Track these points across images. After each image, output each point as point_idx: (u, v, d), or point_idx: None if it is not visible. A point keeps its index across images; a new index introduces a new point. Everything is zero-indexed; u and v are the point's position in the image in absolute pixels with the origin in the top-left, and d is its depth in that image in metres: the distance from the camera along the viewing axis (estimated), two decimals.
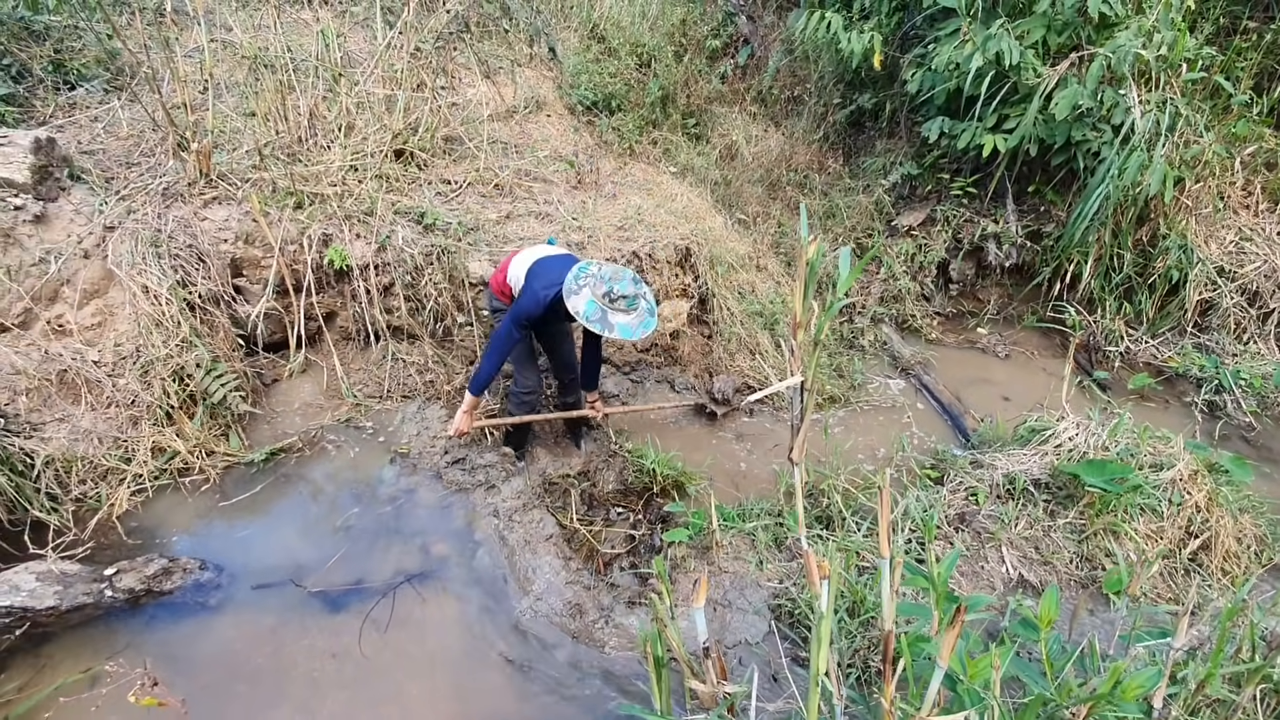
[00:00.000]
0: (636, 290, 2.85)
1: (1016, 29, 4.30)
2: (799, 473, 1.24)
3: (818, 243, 1.04)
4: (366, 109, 4.22)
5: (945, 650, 0.96)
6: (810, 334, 1.05)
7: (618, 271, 2.88)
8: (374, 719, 2.40)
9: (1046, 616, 1.25)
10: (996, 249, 5.22)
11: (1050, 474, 3.21)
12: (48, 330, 3.13)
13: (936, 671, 1.00)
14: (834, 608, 2.62)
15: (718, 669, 1.16)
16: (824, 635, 1.03)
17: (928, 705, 1.01)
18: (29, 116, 3.94)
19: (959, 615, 0.95)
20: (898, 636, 1.33)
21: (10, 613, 2.51)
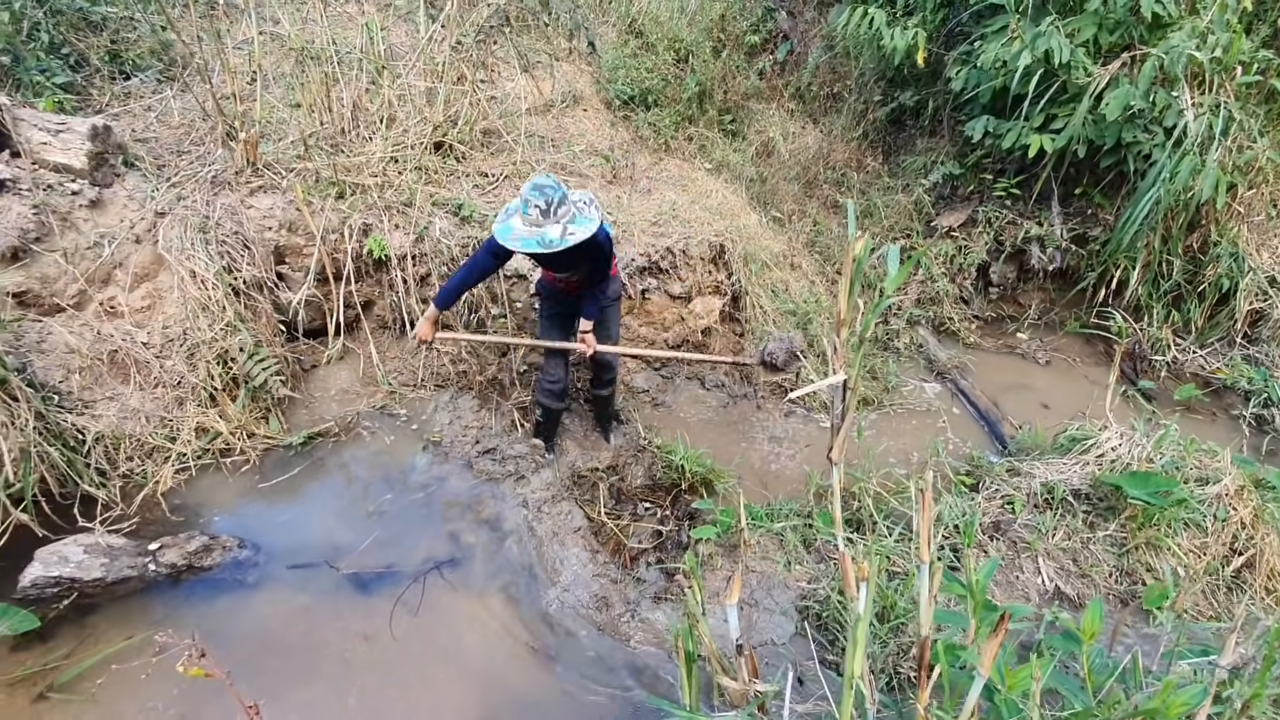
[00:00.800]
0: (548, 196, 2.65)
1: (1067, 27, 4.18)
2: (838, 473, 1.22)
3: (865, 238, 1.03)
4: (407, 101, 4.27)
5: (987, 659, 0.94)
6: (854, 332, 1.03)
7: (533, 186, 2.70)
8: (402, 701, 2.44)
9: (1090, 629, 1.21)
10: (1040, 252, 5.09)
11: (1091, 485, 3.12)
12: (100, 311, 3.24)
13: (976, 680, 0.97)
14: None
15: (750, 667, 1.15)
16: (860, 638, 1.02)
17: (966, 714, 0.99)
18: (86, 104, 4.08)
19: (1003, 624, 0.92)
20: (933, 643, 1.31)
21: (59, 583, 2.61)
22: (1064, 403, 4.48)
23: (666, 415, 4.17)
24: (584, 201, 2.83)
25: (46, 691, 2.33)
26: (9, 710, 2.29)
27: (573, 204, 2.76)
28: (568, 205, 2.71)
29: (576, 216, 2.75)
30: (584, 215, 2.76)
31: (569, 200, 2.73)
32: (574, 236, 2.69)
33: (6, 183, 3.13)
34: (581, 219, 2.75)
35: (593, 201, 2.85)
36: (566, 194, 2.71)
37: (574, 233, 2.70)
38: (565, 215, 2.71)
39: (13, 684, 2.35)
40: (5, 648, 2.43)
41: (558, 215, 2.69)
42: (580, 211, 2.77)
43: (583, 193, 2.87)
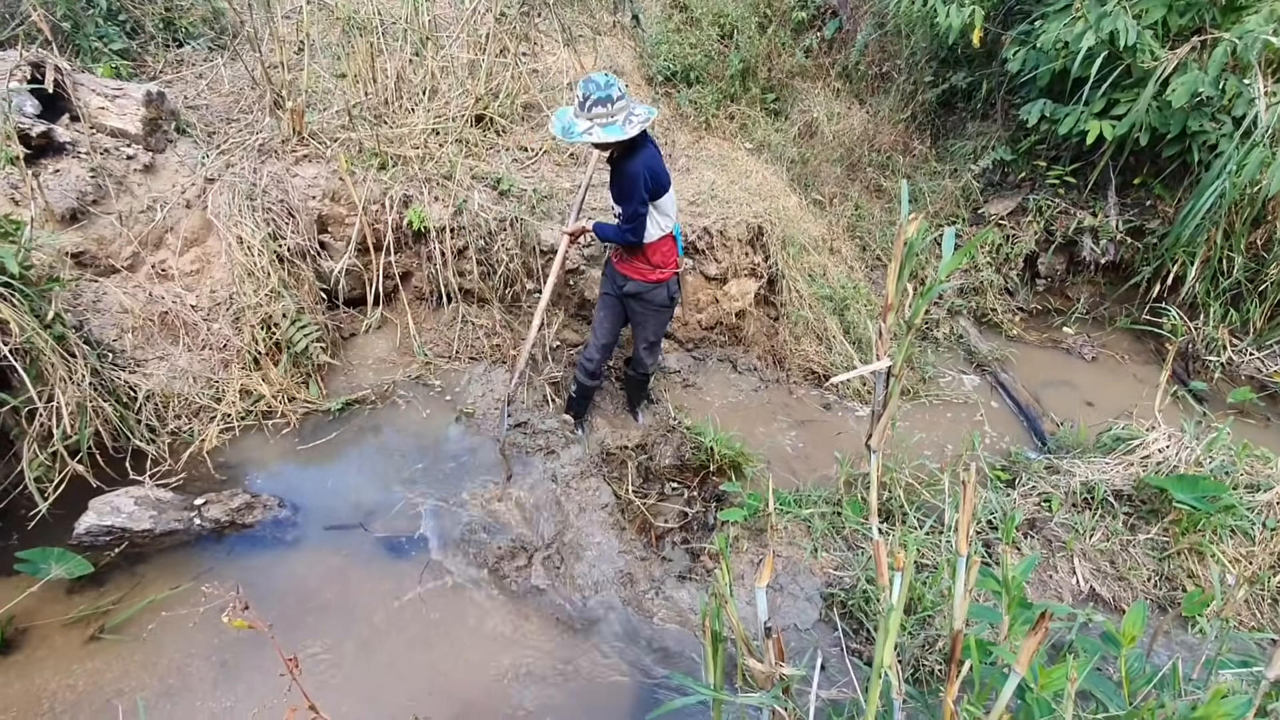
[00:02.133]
0: (588, 91, 2.68)
1: (1134, 7, 3.96)
2: (875, 460, 1.20)
3: (919, 220, 0.99)
4: (450, 73, 4.28)
5: (1025, 657, 0.92)
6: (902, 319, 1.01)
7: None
8: (429, 661, 2.51)
9: (1130, 632, 1.18)
10: (1093, 244, 4.90)
11: (1134, 486, 3.02)
12: (152, 274, 3.35)
13: (1011, 678, 0.96)
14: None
15: (777, 650, 1.15)
16: (891, 628, 1.00)
17: (997, 712, 0.97)
18: (141, 71, 4.18)
19: (1042, 622, 0.90)
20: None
21: (111, 532, 2.73)
22: (1109, 401, 4.34)
23: (697, 397, 4.16)
24: (638, 118, 2.76)
25: (98, 633, 2.46)
26: (65, 649, 2.42)
27: (617, 109, 2.70)
28: (609, 108, 2.68)
29: (611, 123, 2.71)
30: (618, 124, 2.71)
31: (613, 104, 2.68)
32: (590, 136, 2.69)
33: (67, 146, 3.24)
34: (613, 127, 2.71)
35: (646, 120, 2.77)
36: (612, 97, 2.67)
37: (594, 133, 2.69)
38: (600, 116, 2.69)
39: (68, 625, 2.49)
40: (61, 590, 2.56)
41: (591, 113, 2.69)
42: (619, 119, 2.72)
43: (649, 110, 2.82)
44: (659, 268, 3.13)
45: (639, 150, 2.86)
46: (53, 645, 2.44)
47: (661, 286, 3.18)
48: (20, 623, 2.45)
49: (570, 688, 2.46)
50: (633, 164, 2.83)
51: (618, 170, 2.92)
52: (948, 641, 2.28)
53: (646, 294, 3.18)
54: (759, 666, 1.15)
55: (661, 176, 2.93)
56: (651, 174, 2.86)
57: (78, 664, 2.39)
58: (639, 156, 2.85)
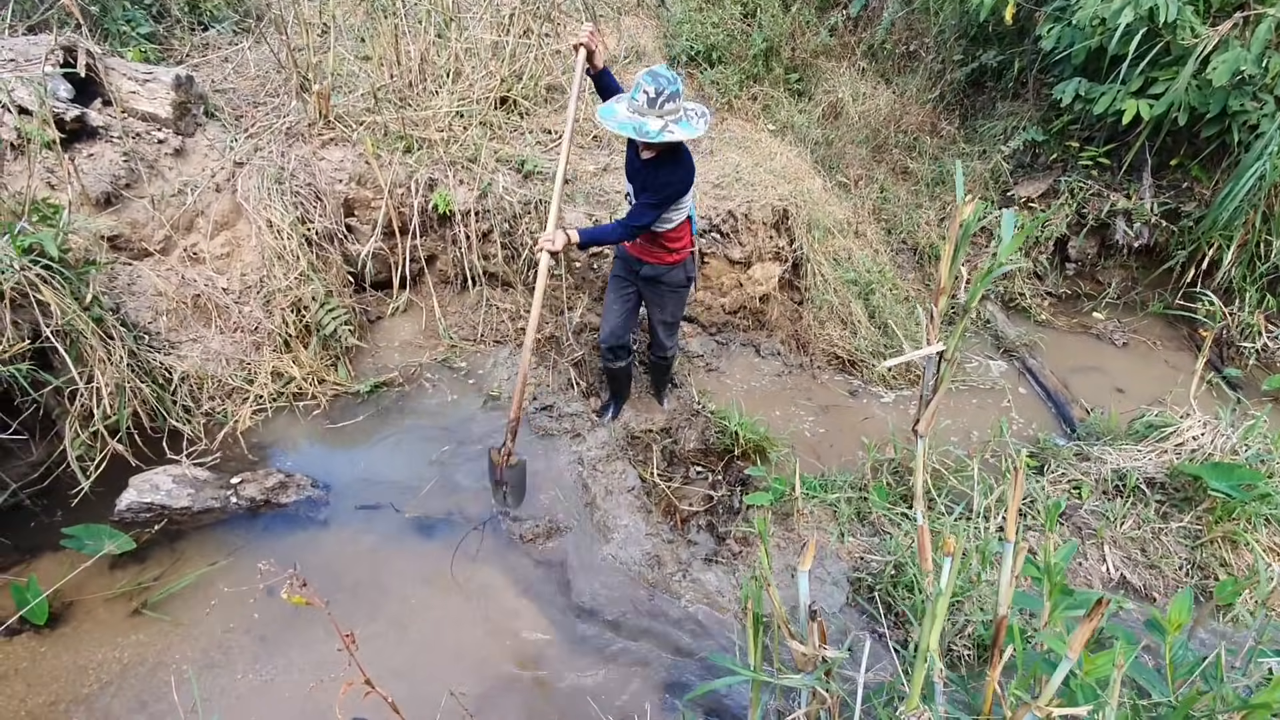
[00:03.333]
0: (660, 85, 2.53)
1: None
2: (923, 445, 1.19)
3: (975, 202, 0.98)
4: (474, 55, 4.25)
5: (1077, 644, 0.91)
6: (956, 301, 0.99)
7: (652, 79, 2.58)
8: (459, 640, 2.55)
9: (1176, 620, 1.17)
10: (1126, 227, 4.79)
11: (1168, 474, 2.98)
12: (184, 257, 3.39)
13: (1063, 664, 0.95)
14: (916, 588, 2.56)
15: (820, 633, 1.16)
16: (939, 613, 1.00)
17: (1048, 695, 0.97)
18: (168, 55, 4.21)
19: (1099, 608, 0.90)
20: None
21: (151, 509, 2.80)
22: (1141, 388, 4.27)
23: (720, 381, 4.15)
24: (696, 113, 2.70)
25: (141, 608, 2.53)
26: (108, 622, 2.50)
27: (684, 106, 2.63)
28: (677, 104, 2.58)
29: (683, 119, 2.62)
30: (689, 121, 2.64)
31: (680, 99, 2.59)
32: (672, 135, 2.56)
33: (100, 130, 3.27)
34: (686, 123, 2.62)
35: (705, 115, 2.70)
36: (680, 91, 2.58)
37: (673, 131, 2.57)
38: (671, 113, 2.58)
39: (110, 599, 2.56)
40: (104, 565, 2.63)
41: (663, 109, 2.56)
42: (688, 116, 2.65)
43: (700, 105, 2.75)
44: (676, 250, 3.06)
45: (685, 151, 2.78)
46: (97, 619, 2.51)
47: (679, 267, 3.11)
48: (66, 597, 2.53)
49: (600, 665, 2.49)
50: (682, 166, 2.75)
51: (661, 168, 2.75)
52: (978, 626, 2.28)
53: (664, 276, 3.11)
54: (801, 649, 1.16)
55: (691, 179, 2.86)
56: (687, 184, 2.80)
57: (121, 637, 2.46)
58: (686, 159, 2.77)
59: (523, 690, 2.43)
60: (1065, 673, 0.95)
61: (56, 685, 2.31)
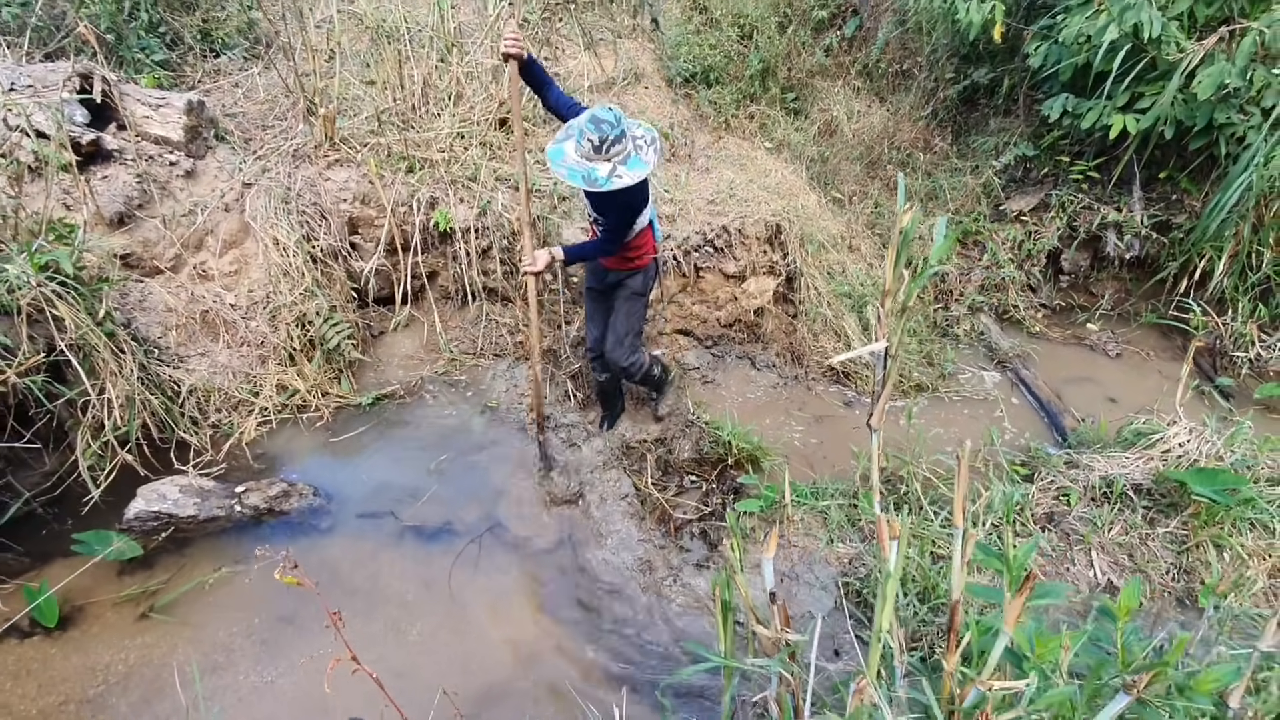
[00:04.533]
0: (603, 133, 2.52)
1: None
2: (876, 439, 1.26)
3: (914, 210, 1.06)
4: (475, 79, 4.40)
5: (1011, 616, 0.97)
6: (898, 302, 1.07)
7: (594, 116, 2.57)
8: (456, 643, 2.61)
9: (1126, 606, 1.22)
10: (1117, 239, 4.85)
11: (1154, 480, 3.02)
12: (194, 274, 3.52)
13: (1000, 637, 1.01)
14: (904, 591, 2.60)
15: (782, 617, 1.22)
16: (889, 593, 1.06)
17: (988, 669, 1.03)
18: (180, 80, 4.37)
19: (1028, 582, 0.96)
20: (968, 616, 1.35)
21: (158, 517, 2.89)
22: (1133, 398, 4.30)
23: (716, 393, 4.22)
24: (645, 141, 2.69)
25: (148, 612, 2.61)
26: (116, 625, 2.57)
27: (631, 140, 2.62)
28: (624, 143, 2.58)
29: (631, 157, 2.61)
30: (638, 157, 2.63)
31: (627, 138, 2.59)
32: (620, 180, 2.56)
33: (114, 153, 3.41)
34: (635, 161, 2.62)
35: (654, 141, 2.69)
36: (625, 131, 2.59)
37: (622, 175, 2.56)
38: (619, 154, 2.58)
39: (119, 604, 2.64)
40: (113, 571, 2.72)
41: (609, 153, 2.56)
42: (637, 151, 2.64)
43: (647, 129, 2.72)
44: (638, 256, 3.07)
45: None
46: (105, 622, 2.59)
47: (639, 274, 3.12)
48: (76, 601, 2.61)
49: (591, 666, 2.54)
50: (635, 189, 2.71)
51: (614, 193, 2.69)
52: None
53: (626, 280, 3.14)
54: (765, 632, 1.22)
55: (646, 192, 2.87)
56: (639, 196, 2.80)
57: (129, 640, 2.53)
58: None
59: (515, 692, 2.48)
60: (1002, 646, 1.01)
61: (66, 685, 2.38)
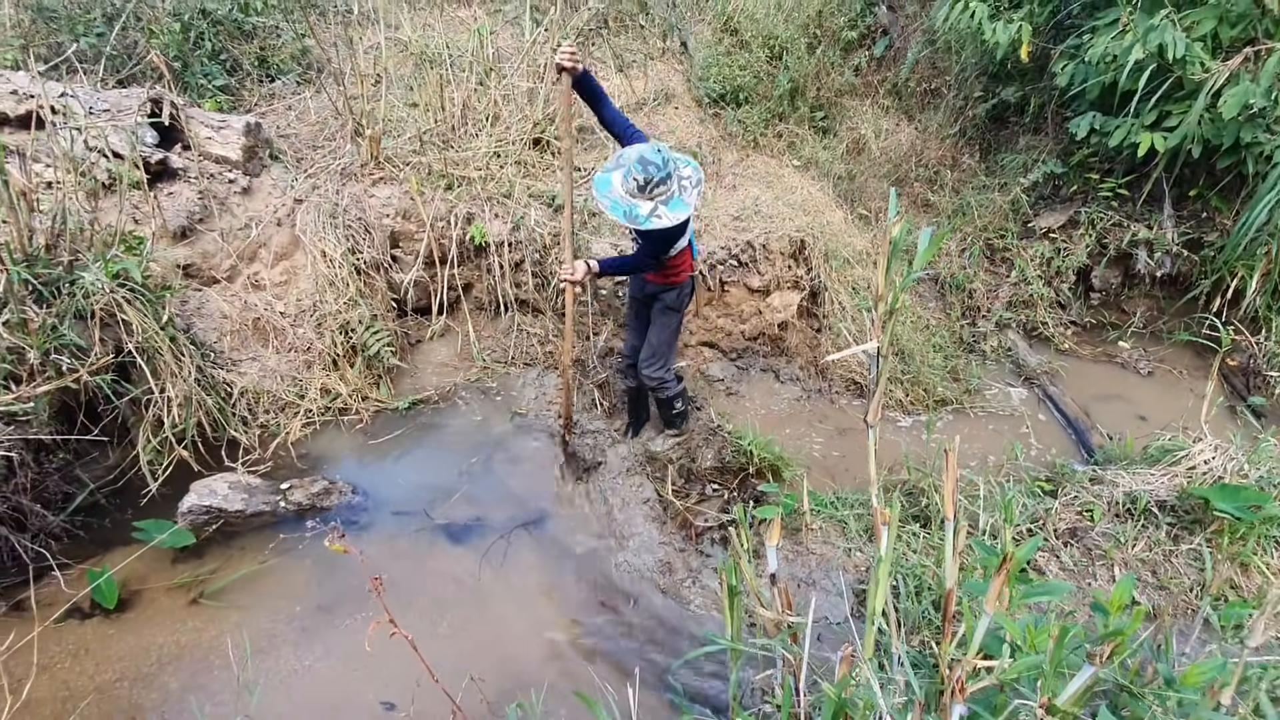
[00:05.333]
0: (650, 174, 2.64)
1: (1184, 20, 3.96)
2: (873, 435, 1.35)
3: (903, 221, 1.15)
4: (511, 101, 4.61)
5: (992, 595, 1.05)
6: (888, 305, 1.16)
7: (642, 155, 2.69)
8: (483, 635, 2.73)
9: (1118, 601, 1.28)
10: (1147, 257, 4.82)
11: (1178, 496, 3.01)
12: (247, 284, 3.75)
13: (983, 618, 1.09)
14: (918, 600, 2.64)
15: (783, 599, 1.30)
16: (882, 577, 1.15)
17: (973, 649, 1.10)
18: (238, 104, 4.67)
19: (1006, 561, 1.03)
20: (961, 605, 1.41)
21: (209, 511, 3.08)
22: (1164, 416, 4.26)
23: (739, 405, 4.30)
24: (690, 182, 2.80)
25: (198, 598, 2.79)
26: (170, 609, 2.75)
27: (676, 180, 2.74)
28: (669, 185, 2.71)
29: (674, 199, 2.74)
30: (681, 199, 2.75)
31: (672, 179, 2.72)
32: (660, 220, 2.70)
33: (179, 171, 3.68)
34: (677, 203, 2.74)
35: (699, 183, 2.81)
36: (671, 174, 2.71)
37: (661, 216, 2.70)
38: (662, 195, 2.71)
39: (172, 589, 2.83)
40: (167, 559, 2.91)
41: (653, 194, 2.70)
42: (681, 193, 2.76)
43: (694, 169, 2.83)
44: (675, 273, 3.16)
45: None
46: (160, 606, 2.77)
47: (675, 289, 3.22)
48: (133, 585, 2.80)
49: (611, 660, 2.63)
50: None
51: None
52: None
53: (662, 294, 3.24)
54: (768, 614, 1.31)
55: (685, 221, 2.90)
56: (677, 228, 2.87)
57: (180, 623, 2.71)
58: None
59: (539, 683, 2.57)
60: (985, 625, 1.08)
61: (122, 664, 2.56)
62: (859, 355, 2.99)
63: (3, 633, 2.53)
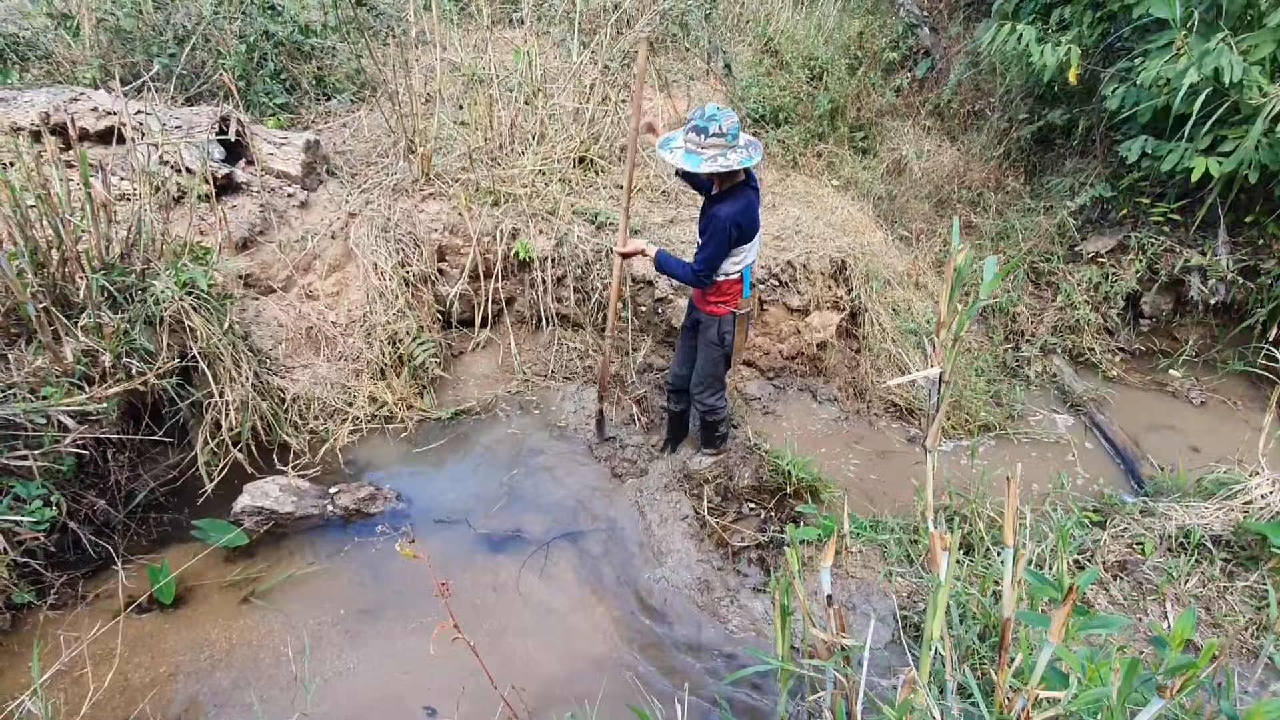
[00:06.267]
0: (712, 121, 2.67)
1: (1241, 43, 3.88)
2: (932, 460, 1.35)
3: (967, 249, 1.17)
4: (557, 120, 4.72)
5: (1056, 626, 1.04)
6: (952, 332, 1.17)
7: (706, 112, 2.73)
8: (519, 645, 2.77)
9: (1179, 635, 1.25)
10: (1201, 284, 4.70)
11: (1233, 531, 2.91)
12: (302, 294, 3.89)
13: (1046, 648, 1.08)
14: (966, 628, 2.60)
15: (838, 621, 1.31)
16: (940, 603, 1.15)
17: (1035, 679, 1.10)
18: (296, 121, 4.86)
19: (1072, 592, 1.03)
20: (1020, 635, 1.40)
21: (260, 512, 3.18)
22: (1218, 448, 4.11)
23: (777, 424, 4.29)
24: (745, 144, 2.79)
25: (249, 597, 2.88)
26: (222, 607, 2.85)
27: (730, 140, 2.72)
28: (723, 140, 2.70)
29: (722, 154, 2.72)
30: (726, 157, 2.73)
31: (727, 138, 2.70)
32: (710, 165, 2.71)
33: (243, 185, 3.85)
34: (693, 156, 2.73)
35: (752, 144, 2.80)
36: (708, 130, 2.69)
37: (720, 160, 2.71)
38: (715, 146, 2.70)
39: (224, 587, 2.92)
40: (220, 558, 3.01)
41: (705, 144, 2.70)
42: (731, 150, 2.74)
43: (749, 137, 2.85)
44: (718, 302, 3.09)
45: (736, 195, 2.83)
46: (213, 604, 2.87)
47: (715, 321, 3.13)
48: (189, 582, 2.91)
49: (648, 676, 2.64)
50: (726, 209, 2.79)
51: (709, 209, 2.87)
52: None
53: (703, 323, 3.19)
54: (821, 635, 1.31)
55: (753, 225, 2.91)
56: (741, 225, 2.85)
57: (232, 621, 2.80)
58: (736, 203, 2.82)
59: (575, 695, 2.59)
60: (1049, 655, 1.07)
61: (176, 658, 2.65)
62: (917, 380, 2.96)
63: (73, 623, 2.66)
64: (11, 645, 2.58)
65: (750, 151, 2.78)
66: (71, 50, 4.38)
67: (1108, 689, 1.06)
